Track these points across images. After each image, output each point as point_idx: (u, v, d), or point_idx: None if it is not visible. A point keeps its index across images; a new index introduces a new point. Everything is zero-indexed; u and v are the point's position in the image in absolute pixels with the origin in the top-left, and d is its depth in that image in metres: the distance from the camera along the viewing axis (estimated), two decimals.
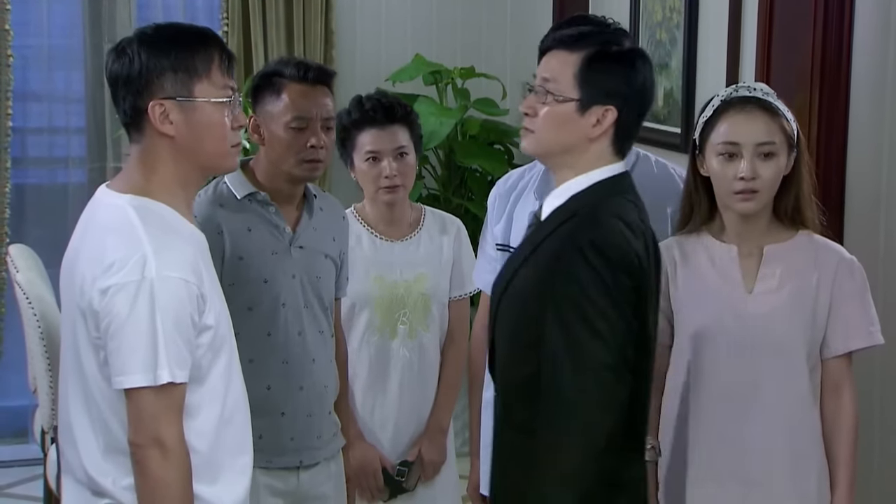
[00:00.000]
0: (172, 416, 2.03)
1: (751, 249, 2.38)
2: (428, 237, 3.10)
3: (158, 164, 2.10)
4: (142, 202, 2.08)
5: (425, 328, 3.05)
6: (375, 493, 3.06)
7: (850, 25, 3.40)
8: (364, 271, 3.03)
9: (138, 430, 2.01)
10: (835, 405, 2.37)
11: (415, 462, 3.07)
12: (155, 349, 1.99)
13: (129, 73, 2.08)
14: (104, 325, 2.01)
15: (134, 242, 2.02)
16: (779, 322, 2.34)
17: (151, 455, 2.00)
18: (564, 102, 2.10)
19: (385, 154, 2.99)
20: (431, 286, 3.06)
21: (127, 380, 2.00)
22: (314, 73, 2.64)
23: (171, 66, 2.08)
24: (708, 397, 2.35)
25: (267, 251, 2.64)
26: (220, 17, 4.95)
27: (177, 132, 2.08)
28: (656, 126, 4.27)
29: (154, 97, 2.07)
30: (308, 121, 2.62)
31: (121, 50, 2.11)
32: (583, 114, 2.10)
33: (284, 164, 2.64)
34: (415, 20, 5.15)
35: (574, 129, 2.10)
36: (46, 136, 5.00)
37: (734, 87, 2.39)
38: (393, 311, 3.03)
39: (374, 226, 3.09)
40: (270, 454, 2.64)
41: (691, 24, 4.01)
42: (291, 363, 2.66)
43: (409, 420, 3.07)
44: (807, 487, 2.34)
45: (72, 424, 2.10)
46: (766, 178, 2.32)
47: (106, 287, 2.00)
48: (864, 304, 2.38)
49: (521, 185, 2.66)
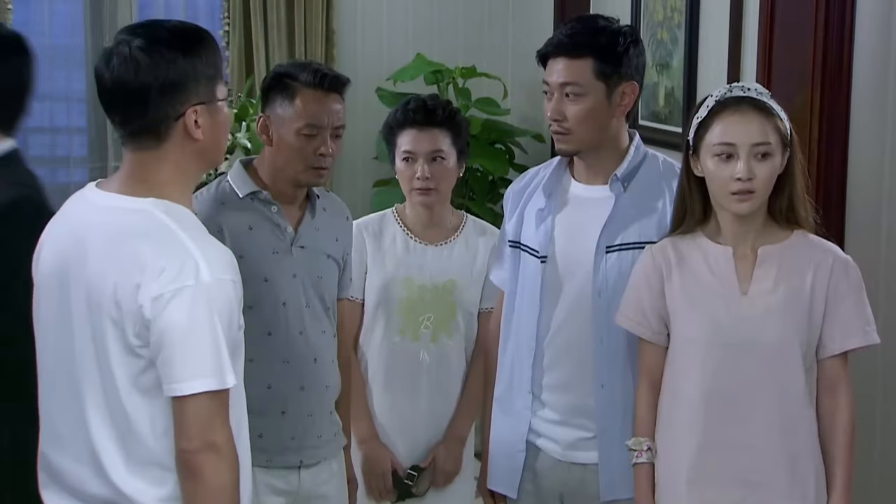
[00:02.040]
0: (224, 419, 2.00)
1: (746, 250, 2.38)
2: (464, 245, 3.08)
3: (180, 168, 2.06)
4: (168, 206, 2.04)
5: (448, 335, 3.04)
6: (383, 494, 3.06)
7: (852, 25, 3.40)
8: (393, 271, 3.04)
9: (192, 436, 1.96)
10: (831, 405, 2.38)
11: (427, 468, 3.06)
12: (219, 353, 1.97)
13: (166, 79, 2.00)
14: (157, 332, 1.95)
15: (179, 248, 1.97)
16: (774, 323, 2.34)
17: (207, 460, 1.96)
18: None
19: (420, 155, 2.99)
20: (459, 294, 3.04)
21: (189, 385, 1.95)
22: (329, 81, 2.64)
23: (204, 70, 2.04)
24: (704, 398, 2.35)
25: (268, 250, 2.64)
26: (221, 16, 4.95)
27: (204, 136, 2.06)
28: (657, 126, 4.27)
29: (190, 103, 2.02)
30: (319, 128, 2.62)
31: (127, 56, 2.00)
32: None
33: (291, 169, 2.64)
34: (416, 20, 5.15)
35: None
36: (48, 135, 5.00)
37: (728, 88, 2.39)
38: (417, 314, 3.03)
39: (412, 228, 3.09)
40: (271, 453, 2.64)
41: (692, 24, 4.02)
42: (292, 363, 2.66)
43: (427, 425, 3.06)
44: (804, 488, 2.34)
45: (92, 440, 2.02)
46: (762, 178, 2.32)
47: (159, 294, 1.94)
48: (859, 304, 2.38)
49: (533, 184, 2.68)
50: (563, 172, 2.64)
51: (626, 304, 2.46)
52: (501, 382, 2.70)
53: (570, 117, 2.51)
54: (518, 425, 2.63)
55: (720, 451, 2.35)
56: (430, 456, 3.06)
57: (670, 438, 2.40)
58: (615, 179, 2.56)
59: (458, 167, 3.06)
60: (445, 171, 3.01)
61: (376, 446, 3.05)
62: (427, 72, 4.82)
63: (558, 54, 2.52)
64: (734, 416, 2.34)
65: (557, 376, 2.58)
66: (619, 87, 2.53)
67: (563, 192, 2.62)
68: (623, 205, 2.55)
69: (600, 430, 2.54)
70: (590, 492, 2.55)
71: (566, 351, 2.57)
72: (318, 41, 4.94)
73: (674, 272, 2.41)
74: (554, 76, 2.52)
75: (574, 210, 2.59)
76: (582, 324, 2.54)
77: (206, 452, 1.97)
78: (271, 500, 2.66)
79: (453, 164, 3.03)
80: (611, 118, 2.55)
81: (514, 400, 2.65)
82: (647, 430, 2.43)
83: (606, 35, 2.52)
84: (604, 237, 2.53)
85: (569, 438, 2.58)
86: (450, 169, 3.02)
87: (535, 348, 2.58)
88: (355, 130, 5.09)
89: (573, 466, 2.58)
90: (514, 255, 2.66)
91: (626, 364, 2.52)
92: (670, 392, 2.41)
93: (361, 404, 3.05)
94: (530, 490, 2.63)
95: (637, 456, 2.43)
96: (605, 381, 2.53)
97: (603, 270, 2.52)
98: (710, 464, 2.35)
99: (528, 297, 2.60)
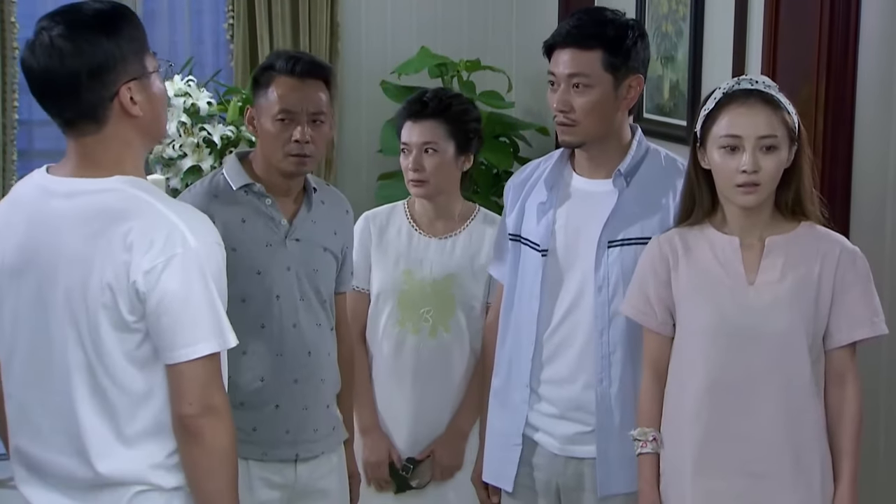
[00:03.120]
0: (220, 381, 2.04)
1: (752, 241, 2.38)
2: (468, 239, 3.07)
3: (126, 147, 2.06)
4: (135, 181, 2.05)
5: (447, 329, 3.03)
6: (381, 484, 3.06)
7: (857, 18, 3.39)
8: (395, 263, 3.04)
9: (193, 401, 1.99)
10: (839, 396, 2.37)
11: (424, 461, 3.06)
12: (217, 314, 2.01)
13: (93, 63, 1.98)
14: (154, 303, 1.97)
15: (161, 219, 1.99)
16: (781, 313, 2.33)
17: (208, 423, 2.00)
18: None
19: (412, 147, 2.99)
20: (458, 288, 3.03)
21: (193, 350, 1.98)
22: (303, 66, 2.64)
23: (129, 46, 2.03)
24: (709, 389, 2.35)
25: (261, 243, 2.64)
26: (226, 9, 4.95)
27: (143, 111, 2.05)
28: (662, 119, 4.26)
29: (121, 82, 2.02)
30: (294, 114, 2.62)
31: (48, 44, 1.99)
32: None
33: (273, 158, 2.64)
34: (420, 13, 5.15)
35: None
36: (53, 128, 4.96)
37: (736, 80, 2.38)
38: (417, 307, 3.03)
39: (419, 220, 3.09)
40: (265, 446, 2.65)
41: (697, 17, 4.01)
42: (286, 355, 2.66)
43: (427, 419, 3.06)
44: (810, 479, 2.34)
45: (79, 425, 2.02)
46: (768, 170, 2.32)
47: (151, 267, 1.96)
48: (867, 294, 2.37)
49: (534, 177, 2.67)
50: (565, 166, 2.64)
51: (631, 294, 2.46)
52: (499, 376, 2.70)
53: (576, 108, 2.51)
54: (515, 418, 2.63)
55: (725, 441, 2.34)
56: (427, 449, 3.06)
57: (675, 429, 2.40)
58: (618, 174, 2.55)
59: (460, 160, 3.03)
60: (440, 164, 2.99)
61: (377, 436, 3.05)
62: (431, 65, 4.82)
63: (566, 45, 2.52)
64: (739, 406, 2.34)
65: (556, 370, 2.58)
66: (626, 80, 2.53)
67: (564, 186, 2.61)
68: (626, 200, 2.54)
69: (598, 424, 2.53)
70: (587, 486, 2.55)
71: (566, 345, 2.56)
72: (322, 34, 4.94)
73: (681, 262, 2.40)
74: (561, 67, 2.52)
75: (576, 204, 2.59)
76: (582, 318, 2.54)
77: (206, 416, 2.00)
78: (267, 494, 2.66)
79: (450, 157, 3.00)
80: (616, 111, 2.55)
81: (512, 393, 2.65)
82: (652, 420, 2.43)
83: (615, 27, 2.52)
84: (606, 232, 2.53)
85: (566, 433, 2.58)
86: (445, 161, 3.00)
87: (535, 342, 2.58)
88: (360, 124, 5.11)
89: (570, 461, 2.57)
90: (514, 248, 2.66)
91: (625, 359, 2.52)
92: (676, 382, 2.41)
93: (366, 394, 3.06)
94: (527, 484, 2.63)
95: (642, 446, 2.42)
96: (604, 376, 2.53)
97: (604, 265, 2.52)
98: (714, 454, 2.35)
99: (529, 291, 2.60)
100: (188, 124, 4.27)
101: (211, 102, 4.45)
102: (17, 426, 2.11)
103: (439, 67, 4.82)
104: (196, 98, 4.33)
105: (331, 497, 2.77)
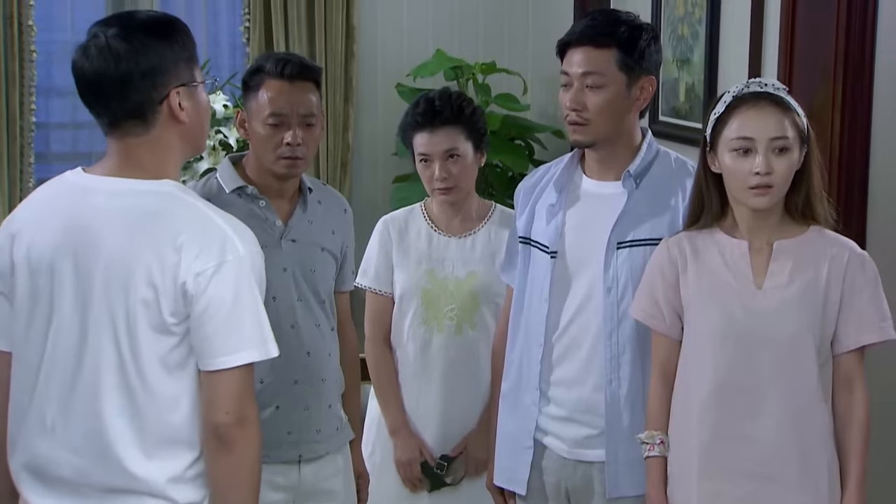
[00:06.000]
0: (253, 391, 2.05)
1: (761, 244, 2.38)
2: (487, 236, 3.09)
3: (170, 151, 2.10)
4: (183, 187, 2.11)
5: (472, 326, 3.05)
6: (416, 484, 3.07)
7: (874, 19, 3.38)
8: (416, 263, 3.07)
9: (230, 410, 1.99)
10: (847, 401, 2.36)
11: (458, 457, 3.07)
12: (260, 323, 2.03)
13: (146, 66, 2.04)
14: (201, 308, 1.98)
15: (212, 225, 2.02)
16: (788, 317, 2.33)
17: (240, 433, 2.00)
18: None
19: (435, 157, 3.00)
20: (482, 285, 3.05)
21: (235, 358, 1.99)
22: (292, 68, 2.63)
23: (181, 53, 2.08)
24: (717, 391, 2.35)
25: None
26: (242, 12, 4.96)
27: (188, 118, 2.09)
28: (678, 121, 4.25)
29: (171, 85, 2.06)
30: (284, 117, 2.62)
31: (104, 46, 2.03)
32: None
33: (265, 161, 2.65)
34: (436, 15, 5.15)
35: None
36: (70, 131, 5.02)
37: (745, 83, 2.38)
38: (441, 305, 3.04)
39: (437, 221, 3.11)
40: (268, 448, 2.63)
41: (713, 19, 4.00)
42: (284, 357, 2.64)
43: (457, 415, 3.07)
44: (817, 482, 2.33)
45: (103, 424, 2.00)
46: (780, 172, 2.32)
47: (201, 270, 1.97)
48: (875, 299, 2.36)
49: (545, 180, 2.67)
50: (575, 168, 2.64)
51: (640, 297, 2.45)
52: (509, 378, 2.69)
53: (590, 107, 2.50)
54: (525, 421, 2.63)
55: (732, 444, 2.34)
56: (460, 445, 3.07)
57: (682, 431, 2.40)
58: (627, 176, 2.55)
59: (477, 159, 3.06)
60: (463, 168, 3.02)
61: (406, 435, 3.07)
62: (447, 68, 4.82)
63: (581, 44, 2.52)
64: (746, 409, 2.33)
65: (565, 372, 2.58)
66: (639, 81, 2.53)
67: (574, 188, 2.61)
68: (635, 201, 2.54)
69: (608, 426, 2.53)
70: (596, 489, 2.55)
71: (575, 347, 2.56)
72: (338, 37, 4.94)
73: (689, 265, 2.40)
74: (575, 66, 2.52)
75: (585, 206, 2.59)
76: (591, 320, 2.54)
77: (239, 425, 2.00)
78: (271, 496, 2.66)
79: (471, 159, 3.03)
80: (628, 112, 2.54)
81: (522, 396, 2.64)
82: (660, 423, 2.42)
83: (629, 28, 2.52)
84: (615, 233, 2.52)
85: (575, 436, 2.57)
86: (468, 164, 3.03)
87: (544, 344, 2.58)
88: (375, 126, 5.12)
89: (579, 464, 2.57)
90: (523, 251, 2.66)
91: (634, 361, 2.51)
92: (683, 385, 2.41)
93: (392, 395, 3.07)
94: (537, 487, 2.63)
95: (649, 449, 2.42)
96: (614, 378, 2.52)
97: (613, 267, 2.51)
98: (721, 457, 2.34)
99: (538, 293, 2.60)
100: None
101: (227, 105, 4.47)
102: (23, 423, 2.09)
103: (455, 70, 4.82)
104: (212, 101, 4.34)
105: (337, 498, 2.77)
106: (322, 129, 2.74)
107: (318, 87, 2.69)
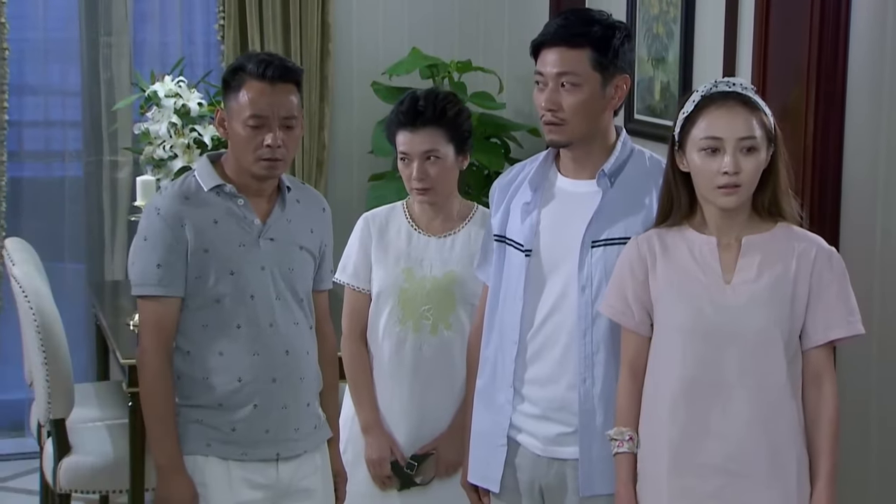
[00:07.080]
0: None
1: (730, 241, 2.39)
2: (467, 237, 3.08)
3: None
4: None
5: (448, 326, 3.04)
6: (385, 482, 3.07)
7: (847, 20, 3.40)
8: (395, 261, 3.06)
9: None
10: (816, 396, 2.37)
11: (428, 458, 3.07)
12: None
13: None
14: None
15: None
16: (757, 312, 2.34)
17: None
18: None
19: (414, 157, 2.99)
20: (459, 286, 3.04)
21: None
22: (274, 70, 2.62)
23: None
24: (686, 387, 2.35)
25: (234, 243, 2.64)
26: (217, 10, 4.94)
27: None
28: (653, 120, 4.27)
29: None
30: (265, 119, 2.61)
31: None
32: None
33: (244, 161, 2.65)
34: (412, 13, 5.15)
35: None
36: (42, 129, 5.00)
37: (714, 83, 2.39)
38: (417, 305, 3.03)
39: (417, 220, 3.10)
40: (245, 446, 2.65)
41: (688, 18, 4.02)
42: (262, 355, 2.66)
43: (430, 415, 3.06)
44: (786, 478, 2.34)
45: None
46: (748, 171, 2.33)
47: None
48: (843, 294, 2.37)
49: (520, 178, 2.68)
50: (550, 167, 2.64)
51: (610, 294, 2.46)
52: (483, 376, 2.69)
53: (565, 107, 2.51)
54: (499, 419, 2.62)
55: (701, 439, 2.34)
56: (430, 445, 3.06)
57: (652, 427, 2.40)
58: (602, 175, 2.55)
59: (458, 160, 3.05)
60: (442, 169, 3.00)
61: (378, 434, 3.06)
62: (423, 66, 4.82)
63: (554, 44, 2.52)
64: (715, 404, 2.34)
65: (540, 370, 2.57)
66: (613, 80, 2.53)
67: (549, 187, 2.61)
68: (610, 200, 2.54)
69: (581, 424, 2.53)
70: (569, 486, 2.55)
71: (549, 345, 2.56)
72: (313, 35, 4.93)
73: (658, 262, 2.41)
74: (549, 66, 2.52)
75: (560, 204, 2.59)
76: (565, 318, 2.54)
77: None
78: (249, 494, 2.66)
79: (451, 161, 3.02)
80: (603, 111, 2.55)
81: (496, 394, 2.64)
82: (629, 420, 2.43)
83: (602, 27, 2.52)
84: (589, 232, 2.52)
85: (548, 434, 2.57)
86: (447, 166, 3.01)
87: (518, 342, 2.58)
88: (351, 125, 5.11)
89: (553, 462, 2.57)
90: (498, 249, 2.66)
91: (608, 359, 2.51)
92: (653, 382, 2.41)
93: (366, 393, 3.07)
94: (511, 485, 2.63)
95: (618, 446, 2.43)
96: (588, 376, 2.52)
97: (588, 265, 2.52)
98: (690, 452, 2.35)
99: (513, 292, 2.60)
100: (179, 125, 4.25)
101: (202, 103, 4.44)
102: None
103: (430, 68, 4.82)
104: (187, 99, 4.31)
105: (315, 496, 2.76)
106: (302, 130, 2.73)
107: (300, 89, 2.68)
